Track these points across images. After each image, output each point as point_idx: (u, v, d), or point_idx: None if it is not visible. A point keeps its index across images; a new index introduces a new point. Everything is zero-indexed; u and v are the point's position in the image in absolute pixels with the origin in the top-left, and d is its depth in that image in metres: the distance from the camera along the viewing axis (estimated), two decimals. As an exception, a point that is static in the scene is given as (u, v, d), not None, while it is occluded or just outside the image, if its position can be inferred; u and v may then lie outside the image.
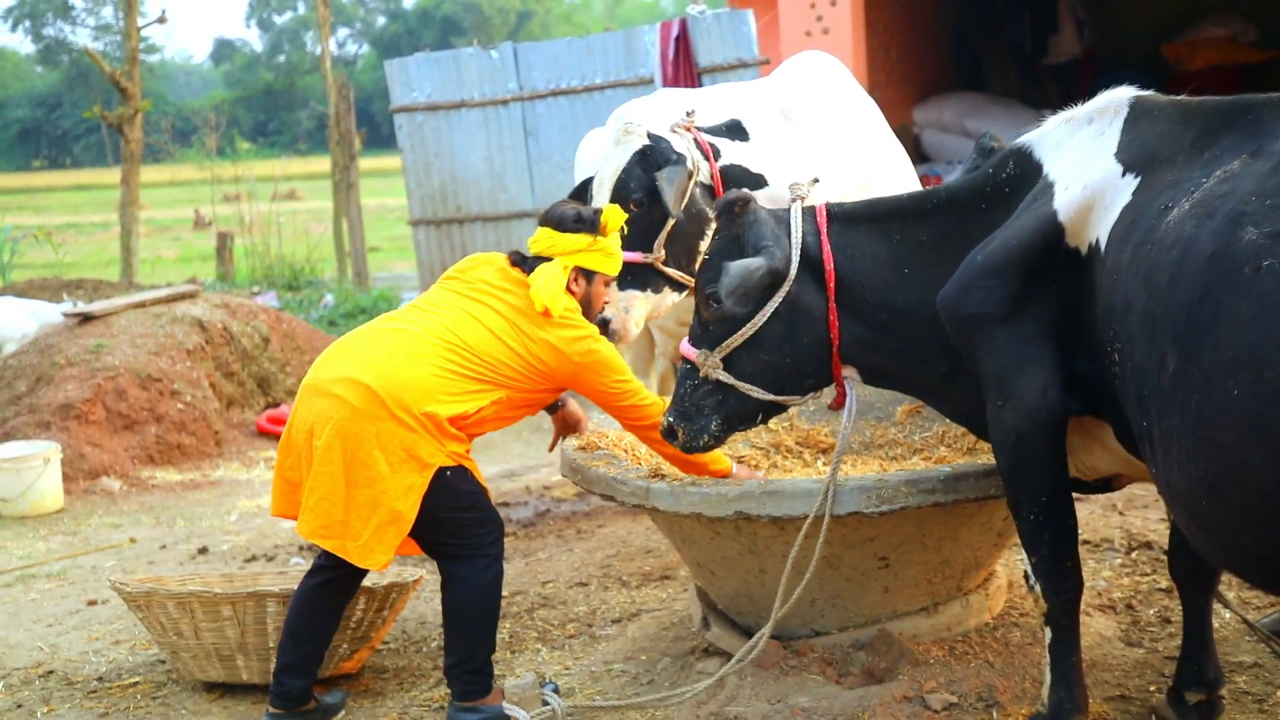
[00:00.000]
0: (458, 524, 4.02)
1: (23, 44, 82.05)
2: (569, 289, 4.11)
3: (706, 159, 4.40)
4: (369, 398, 3.87)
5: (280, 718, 4.10)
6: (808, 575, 3.71)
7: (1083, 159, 3.26)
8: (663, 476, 4.05)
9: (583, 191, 4.63)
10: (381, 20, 76.17)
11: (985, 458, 4.17)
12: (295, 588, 4.27)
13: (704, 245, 4.33)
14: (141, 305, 9.96)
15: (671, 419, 3.75)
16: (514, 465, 8.38)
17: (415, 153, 11.52)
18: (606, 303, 4.31)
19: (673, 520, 4.08)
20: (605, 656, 4.50)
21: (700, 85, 9.93)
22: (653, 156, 4.30)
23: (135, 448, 8.60)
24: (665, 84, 10.29)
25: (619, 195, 4.31)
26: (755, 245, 3.57)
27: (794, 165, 4.51)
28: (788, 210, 3.67)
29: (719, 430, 3.71)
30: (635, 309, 4.38)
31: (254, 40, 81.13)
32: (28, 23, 79.34)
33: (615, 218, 4.17)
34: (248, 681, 4.47)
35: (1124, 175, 3.13)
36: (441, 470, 3.92)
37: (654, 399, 4.12)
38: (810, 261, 3.57)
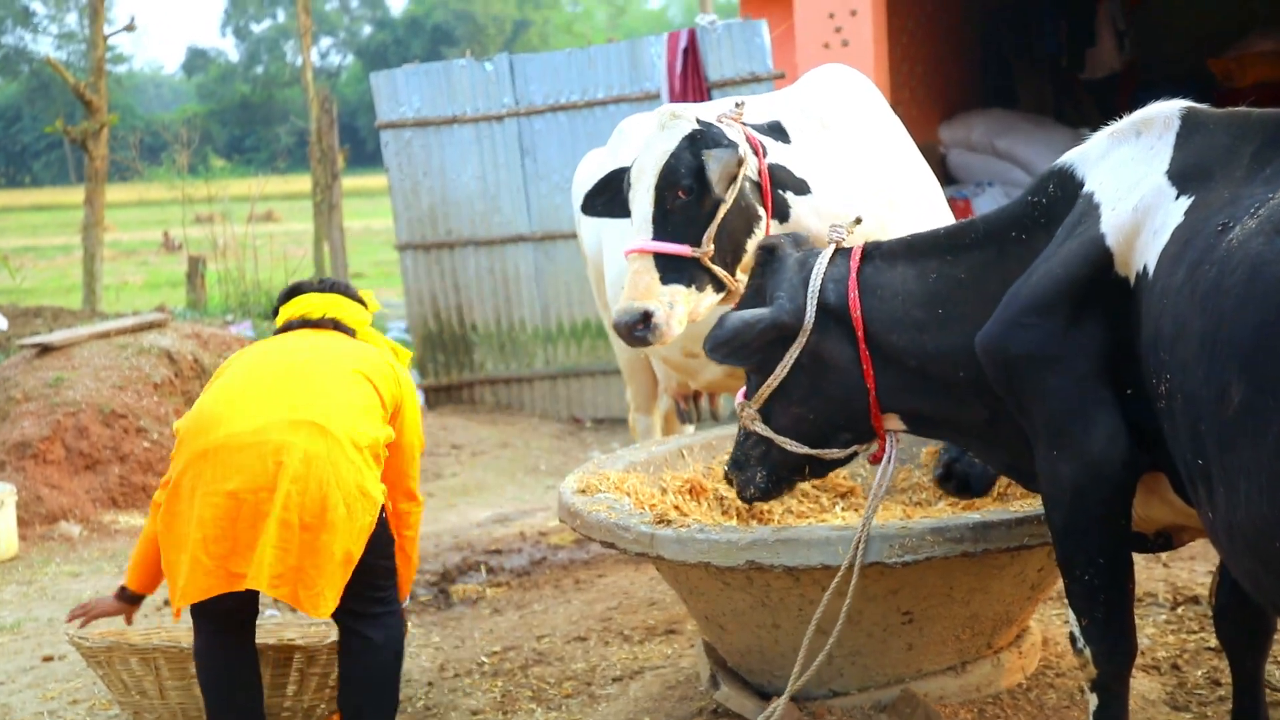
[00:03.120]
0: (383, 570, 4.12)
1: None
2: None
3: (755, 154, 4.33)
4: (322, 437, 3.95)
5: None
6: (834, 635, 3.70)
7: (1131, 177, 3.23)
8: (669, 523, 4.05)
9: (612, 182, 4.52)
10: (367, 29, 76.58)
11: (1017, 504, 4.18)
12: (270, 641, 4.26)
13: (750, 243, 4.25)
14: (105, 335, 9.99)
15: (728, 465, 3.85)
16: (507, 509, 8.38)
17: (403, 172, 11.56)
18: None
19: (679, 570, 4.08)
20: (605, 717, 4.49)
21: (710, 99, 9.97)
22: (703, 141, 4.17)
23: (97, 489, 8.60)
24: (672, 99, 10.34)
25: (666, 181, 4.15)
26: (772, 295, 3.63)
27: (831, 176, 4.50)
28: (815, 255, 3.70)
29: (764, 483, 3.76)
30: (679, 306, 4.13)
31: (229, 50, 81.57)
32: (-14, 31, 79.79)
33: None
34: None
35: (1177, 194, 3.10)
36: (381, 508, 4.05)
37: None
38: (834, 310, 3.58)
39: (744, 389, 3.82)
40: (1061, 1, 14.88)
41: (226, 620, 4.10)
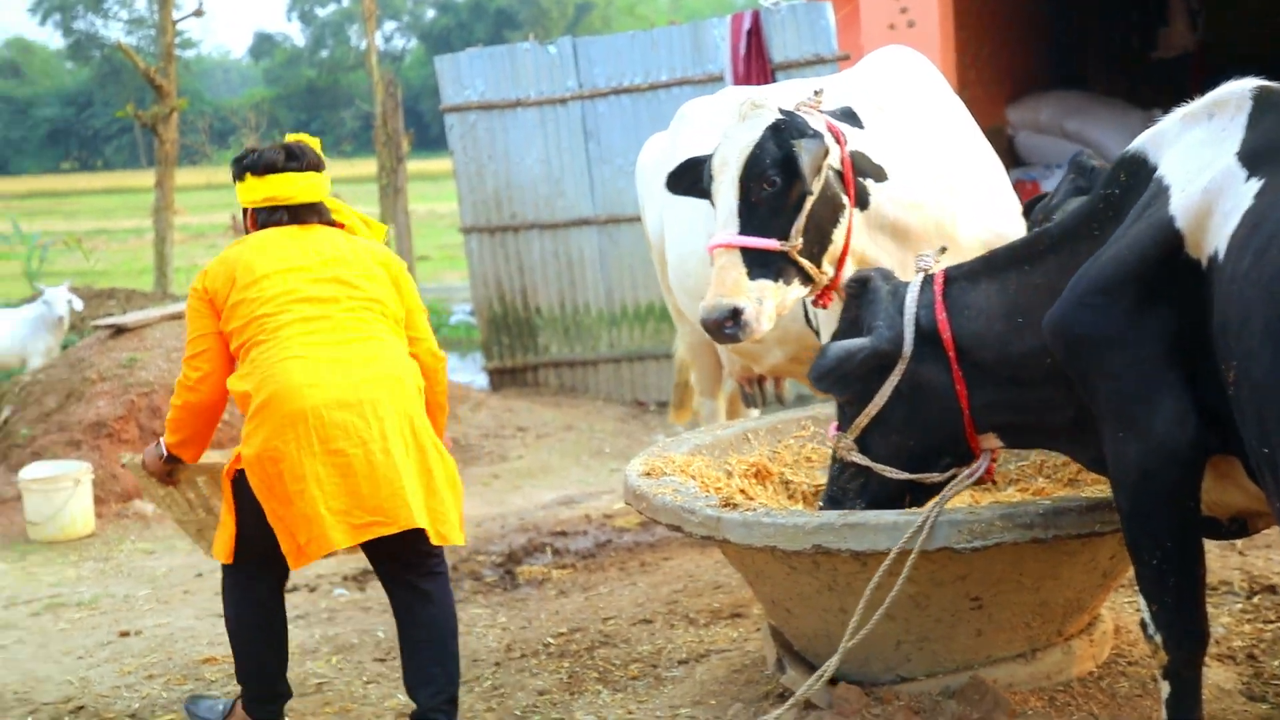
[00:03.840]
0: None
1: (52, 38, 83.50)
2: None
3: (837, 142, 4.25)
4: (399, 386, 4.29)
5: None
6: (881, 609, 3.69)
7: (1201, 159, 3.19)
8: (735, 506, 4.05)
9: (690, 169, 4.43)
10: (431, 13, 76.83)
11: (1089, 490, 4.14)
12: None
13: (836, 233, 4.19)
14: (177, 317, 10.09)
15: (822, 504, 3.91)
16: (572, 491, 8.40)
17: (467, 155, 11.59)
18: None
19: (745, 554, 4.07)
20: (671, 700, 4.50)
21: (774, 82, 9.91)
22: (788, 131, 4.06)
23: (169, 469, 8.71)
24: (736, 81, 10.29)
25: (751, 173, 4.04)
26: (869, 326, 3.69)
27: (903, 162, 4.44)
28: (905, 286, 3.76)
29: None
30: (767, 301, 4.03)
31: (295, 35, 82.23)
32: (57, 16, 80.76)
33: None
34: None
35: (1247, 176, 3.05)
36: None
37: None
38: (927, 335, 3.63)
39: (834, 423, 3.88)
40: (1133, -20, 14.69)
41: (280, 576, 4.40)
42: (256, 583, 4.36)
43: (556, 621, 5.55)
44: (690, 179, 4.34)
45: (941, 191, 4.57)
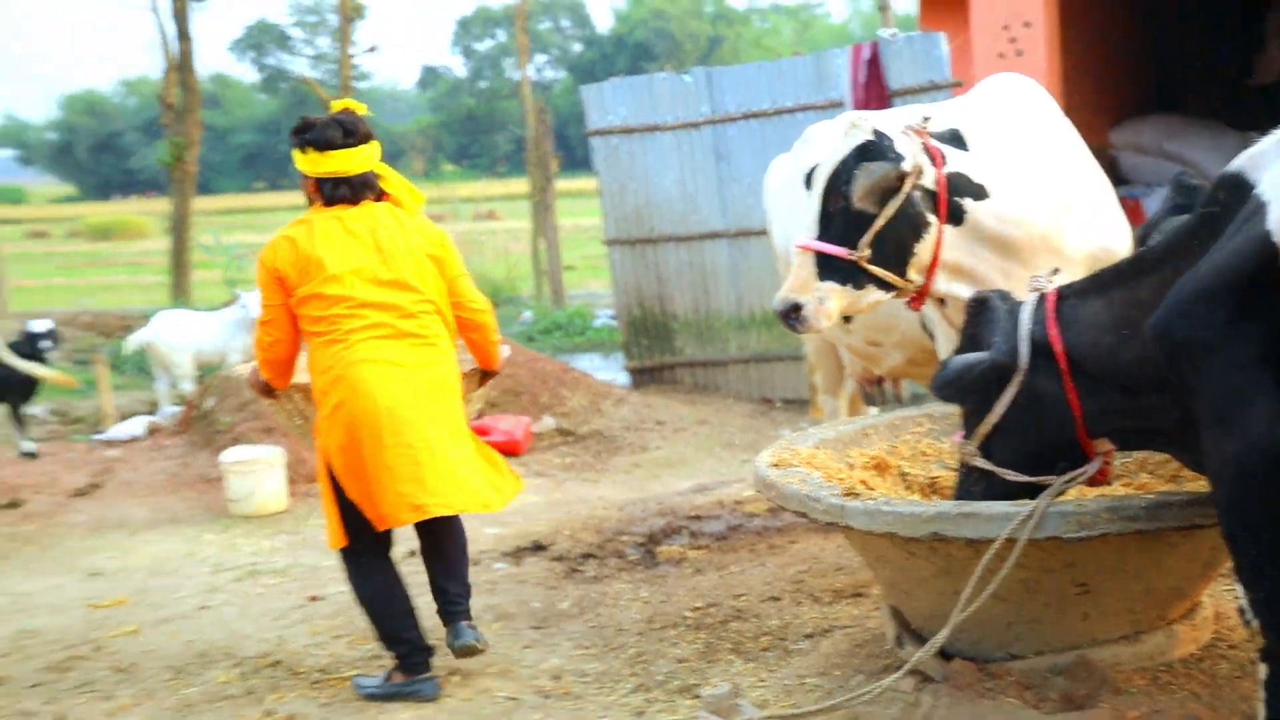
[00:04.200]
0: None
1: (247, 73, 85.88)
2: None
3: (934, 164, 4.25)
4: (451, 391, 4.77)
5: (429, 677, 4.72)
6: (989, 590, 3.65)
7: None
8: (857, 496, 4.03)
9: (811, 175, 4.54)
10: (577, 47, 77.37)
11: (1190, 485, 4.04)
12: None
13: (919, 247, 4.20)
14: (355, 320, 10.31)
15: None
16: (705, 479, 8.40)
17: (610, 175, 11.64)
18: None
19: (866, 539, 4.05)
20: (798, 670, 4.48)
21: (891, 107, 9.80)
22: (872, 152, 4.15)
23: (349, 454, 8.87)
24: (855, 106, 10.19)
25: (832, 186, 4.18)
26: (987, 341, 3.70)
27: (1007, 181, 4.39)
28: (1021, 304, 3.74)
29: None
30: (830, 301, 4.15)
31: (457, 67, 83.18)
32: (251, 53, 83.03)
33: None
34: None
35: None
36: None
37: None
38: (1041, 349, 3.62)
39: (960, 431, 3.89)
40: (1230, 8, 14.22)
41: (386, 546, 4.81)
42: (370, 557, 4.72)
43: (693, 597, 5.56)
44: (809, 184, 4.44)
45: (1051, 208, 4.50)
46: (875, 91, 10.42)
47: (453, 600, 4.81)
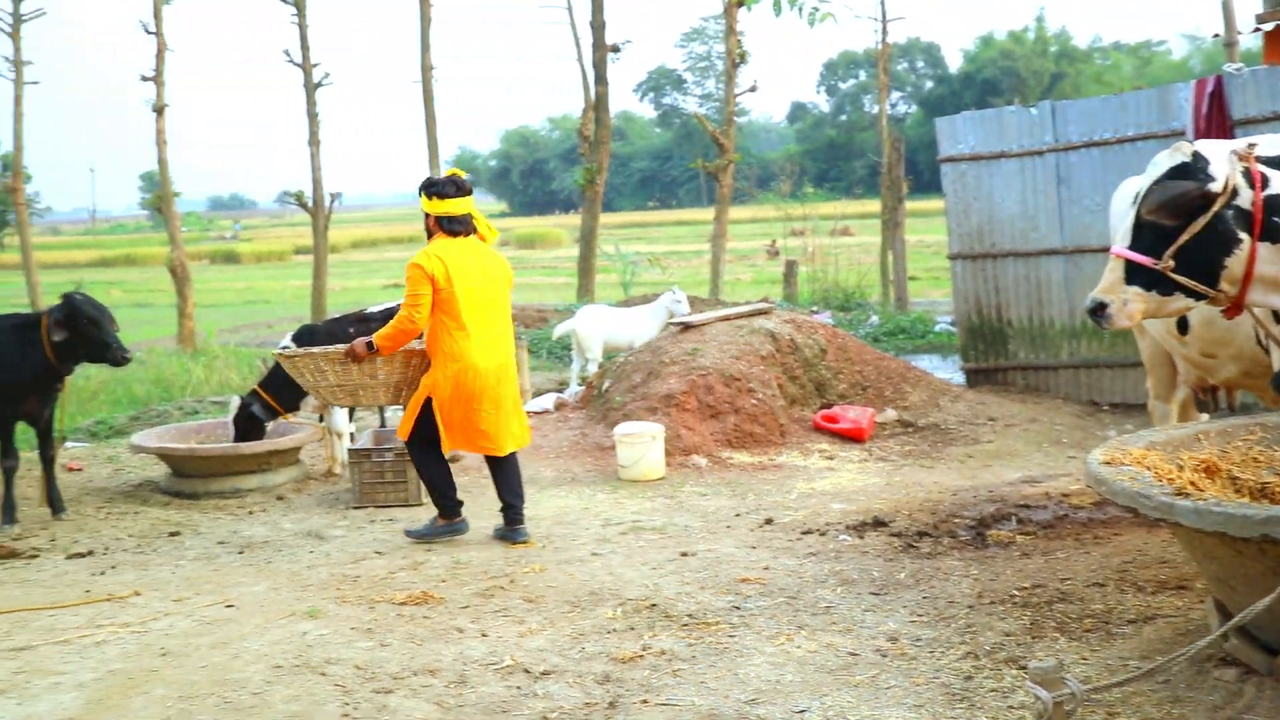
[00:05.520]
0: None
1: (646, 110, 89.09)
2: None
3: (1253, 186, 3.96)
4: (513, 364, 6.54)
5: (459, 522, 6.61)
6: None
7: None
8: (1186, 495, 3.71)
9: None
10: (929, 84, 75.45)
11: None
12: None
13: (1231, 261, 3.93)
14: (727, 319, 10.46)
15: None
16: (1034, 472, 7.98)
17: (957, 196, 11.28)
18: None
19: (1195, 537, 3.72)
20: (1121, 653, 4.18)
21: (1233, 137, 8.99)
22: (1185, 173, 4.01)
23: (718, 433, 9.00)
24: (1197, 136, 9.40)
25: (1144, 200, 4.09)
26: None
27: None
28: None
29: None
30: (1133, 304, 4.12)
31: (822, 103, 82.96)
32: (651, 94, 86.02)
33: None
34: (369, 404, 7.11)
35: None
36: None
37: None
38: None
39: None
40: None
41: (435, 444, 6.46)
42: (431, 449, 6.46)
43: (1020, 577, 5.30)
44: None
45: None
46: (1217, 121, 9.57)
47: (512, 507, 6.45)
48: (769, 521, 6.78)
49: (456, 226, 6.32)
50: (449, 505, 6.55)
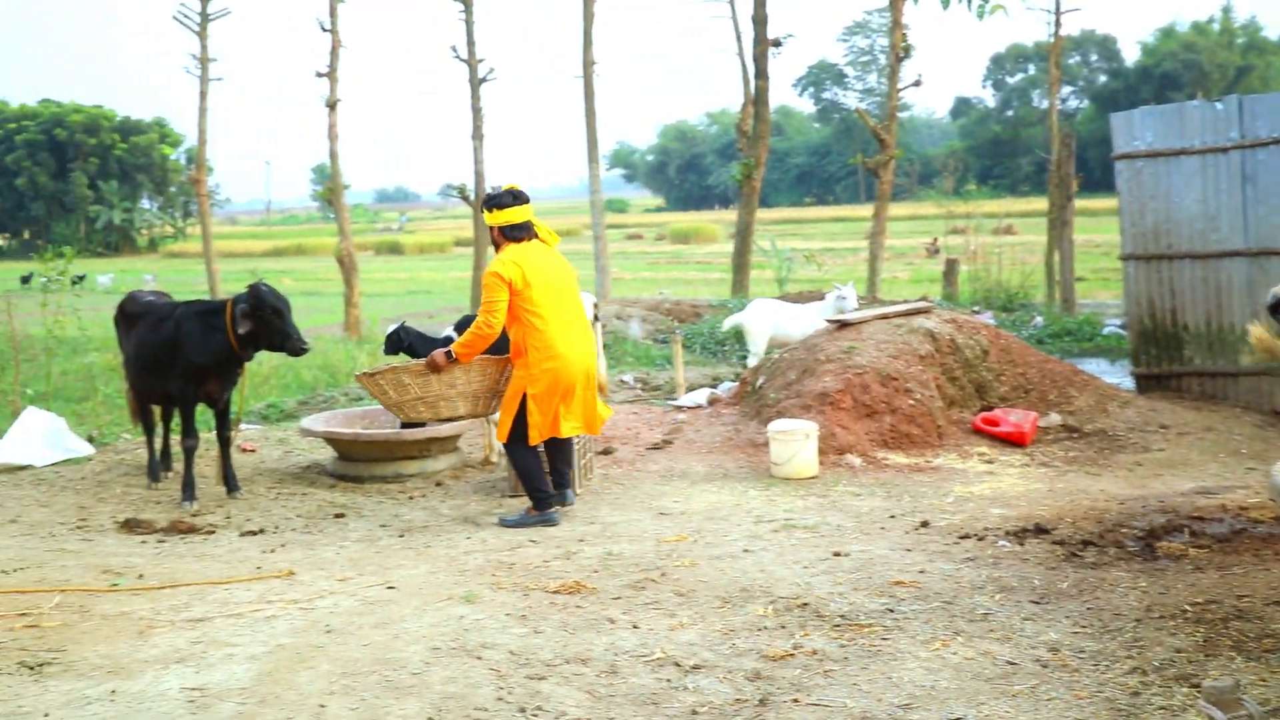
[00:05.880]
0: None
1: (805, 105, 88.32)
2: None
3: None
4: (593, 357, 7.04)
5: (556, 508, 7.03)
6: None
7: None
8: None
9: None
10: (1102, 78, 72.67)
11: None
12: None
13: None
14: (884, 317, 10.29)
15: None
16: (1209, 483, 7.62)
17: (1132, 195, 10.83)
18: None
19: (1391, 558, 3.49)
20: (1304, 678, 3.96)
21: None
22: None
23: (874, 432, 8.87)
24: (1401, 130, 8.82)
25: None
26: None
27: None
28: None
29: None
30: None
31: (987, 98, 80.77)
32: (811, 89, 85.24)
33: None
34: (450, 417, 7.19)
35: None
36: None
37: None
38: None
39: None
40: None
41: (527, 440, 6.88)
42: (527, 445, 6.85)
43: (1192, 592, 5.06)
44: None
45: None
46: None
47: (562, 474, 7.13)
48: (925, 524, 6.65)
49: (519, 233, 6.84)
50: (542, 497, 6.91)
